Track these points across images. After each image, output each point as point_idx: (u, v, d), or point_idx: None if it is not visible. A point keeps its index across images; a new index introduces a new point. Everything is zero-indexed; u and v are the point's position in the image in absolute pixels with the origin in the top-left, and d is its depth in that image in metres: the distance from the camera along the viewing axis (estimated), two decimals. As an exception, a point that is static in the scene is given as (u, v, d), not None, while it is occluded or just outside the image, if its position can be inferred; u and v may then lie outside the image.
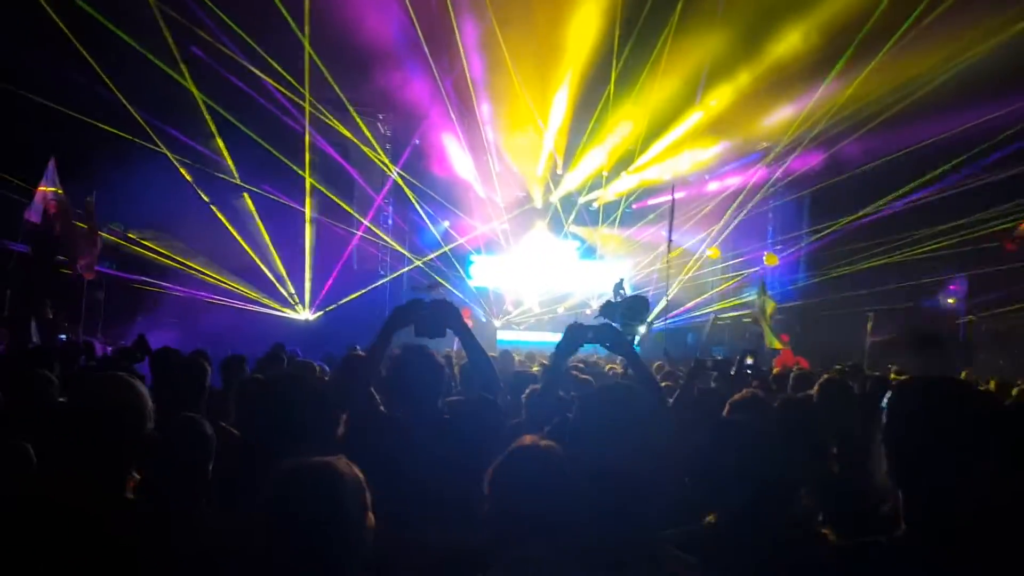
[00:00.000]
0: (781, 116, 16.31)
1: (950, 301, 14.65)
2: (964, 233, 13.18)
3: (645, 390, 2.70)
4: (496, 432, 2.91)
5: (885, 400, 1.90)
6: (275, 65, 14.65)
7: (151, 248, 14.30)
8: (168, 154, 14.04)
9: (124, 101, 12.87)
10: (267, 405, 2.64)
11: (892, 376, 7.75)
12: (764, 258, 17.81)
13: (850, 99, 14.16)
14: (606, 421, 1.91)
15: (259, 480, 1.77)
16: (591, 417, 1.98)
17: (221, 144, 15.01)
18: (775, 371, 9.46)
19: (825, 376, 4.90)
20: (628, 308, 4.10)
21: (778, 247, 19.37)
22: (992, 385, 7.75)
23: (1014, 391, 7.72)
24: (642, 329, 4.05)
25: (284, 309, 17.08)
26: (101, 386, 2.23)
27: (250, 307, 16.16)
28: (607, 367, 10.23)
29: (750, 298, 14.75)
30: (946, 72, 12.16)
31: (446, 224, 19.95)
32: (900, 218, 14.53)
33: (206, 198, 14.78)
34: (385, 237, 19.29)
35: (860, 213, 15.55)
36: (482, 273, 20.80)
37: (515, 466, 2.13)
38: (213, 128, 14.72)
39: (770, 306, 13.29)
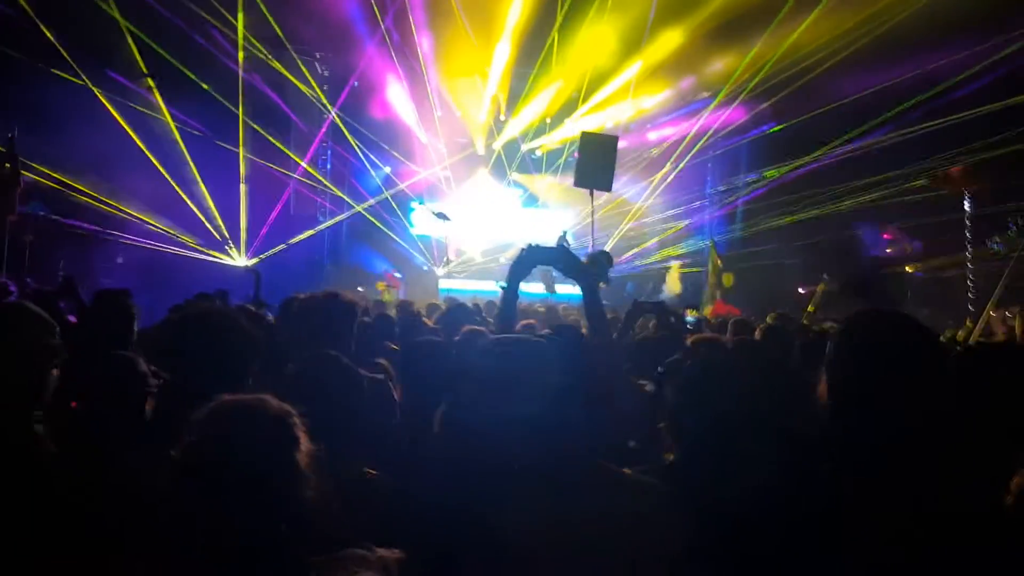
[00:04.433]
0: (723, 64, 16.34)
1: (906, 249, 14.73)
2: (896, 185, 13.50)
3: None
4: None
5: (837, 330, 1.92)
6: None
7: (79, 189, 13.59)
8: (91, 86, 13.27)
9: (42, 26, 12.09)
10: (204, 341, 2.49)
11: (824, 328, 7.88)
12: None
13: (789, 49, 14.22)
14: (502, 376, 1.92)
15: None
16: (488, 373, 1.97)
17: (145, 70, 14.21)
18: (710, 319, 9.66)
19: (769, 322, 5.01)
20: (592, 263, 4.06)
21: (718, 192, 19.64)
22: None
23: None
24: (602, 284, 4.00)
25: (218, 254, 16.58)
26: None
27: (184, 252, 15.61)
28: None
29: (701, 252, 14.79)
30: (882, 24, 12.31)
31: (387, 170, 19.56)
32: (833, 170, 14.78)
33: (132, 132, 14.09)
34: (324, 180, 18.82)
35: (794, 164, 15.78)
36: (424, 221, 20.56)
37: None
38: (139, 61, 13.98)
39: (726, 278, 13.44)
